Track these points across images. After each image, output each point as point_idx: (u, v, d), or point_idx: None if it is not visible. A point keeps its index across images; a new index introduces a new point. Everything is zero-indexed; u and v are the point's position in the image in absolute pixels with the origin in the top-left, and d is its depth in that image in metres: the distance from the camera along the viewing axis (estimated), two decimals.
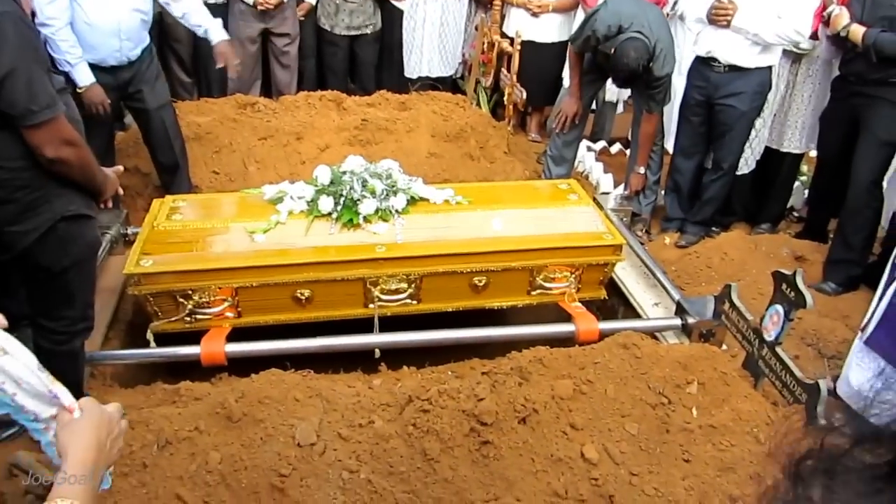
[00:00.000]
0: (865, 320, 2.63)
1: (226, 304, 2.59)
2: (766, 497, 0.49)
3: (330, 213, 2.70)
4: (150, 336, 2.59)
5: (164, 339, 2.63)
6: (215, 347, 2.51)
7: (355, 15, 4.86)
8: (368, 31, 4.96)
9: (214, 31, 3.40)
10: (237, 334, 2.64)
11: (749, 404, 2.14)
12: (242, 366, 2.49)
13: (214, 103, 4.26)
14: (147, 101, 3.31)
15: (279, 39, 4.66)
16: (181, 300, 2.54)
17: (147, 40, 3.30)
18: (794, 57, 3.68)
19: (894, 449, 0.44)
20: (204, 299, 2.56)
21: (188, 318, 2.59)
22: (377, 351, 2.60)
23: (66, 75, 2.91)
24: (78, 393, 2.12)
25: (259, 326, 2.68)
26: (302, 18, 4.78)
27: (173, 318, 2.58)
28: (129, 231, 3.22)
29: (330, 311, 2.72)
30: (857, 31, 3.33)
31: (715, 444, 1.99)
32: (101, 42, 3.06)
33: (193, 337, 2.59)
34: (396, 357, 2.64)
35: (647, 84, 3.64)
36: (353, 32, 4.91)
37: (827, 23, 3.48)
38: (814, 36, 3.59)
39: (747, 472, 1.91)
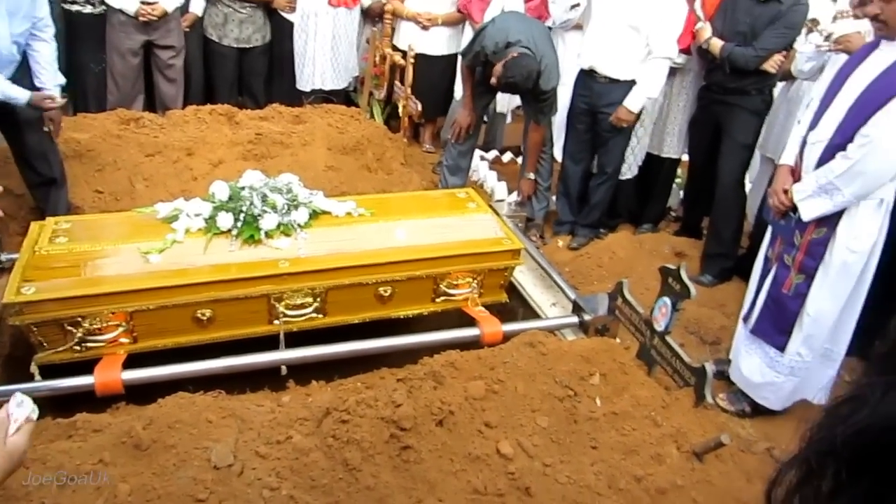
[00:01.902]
0: (746, 310, 2.88)
1: (120, 329, 2.47)
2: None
3: (229, 230, 2.63)
4: (34, 369, 2.42)
5: (50, 371, 2.46)
6: (111, 375, 2.38)
7: (245, 26, 4.76)
8: (258, 43, 4.87)
9: (20, 92, 3.07)
10: (133, 360, 2.52)
11: (646, 390, 2.30)
12: (141, 393, 2.37)
13: (94, 118, 4.04)
14: (17, 114, 3.09)
15: (163, 52, 4.49)
16: (69, 328, 2.39)
17: (19, 59, 3.09)
18: (670, 71, 3.99)
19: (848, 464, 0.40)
20: (95, 326, 2.42)
21: (78, 347, 2.44)
22: (283, 368, 2.56)
23: None
24: None
25: (157, 351, 2.58)
26: (187, 30, 4.63)
27: (61, 348, 2.42)
28: (3, 258, 2.99)
29: (233, 331, 2.65)
30: (716, 45, 3.67)
31: (618, 429, 2.12)
32: None
33: (84, 366, 2.44)
34: (304, 372, 2.61)
35: (534, 97, 3.82)
36: (242, 44, 4.81)
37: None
38: (686, 50, 3.90)
39: (649, 453, 2.05)
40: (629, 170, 4.26)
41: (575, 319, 2.94)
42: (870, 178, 2.45)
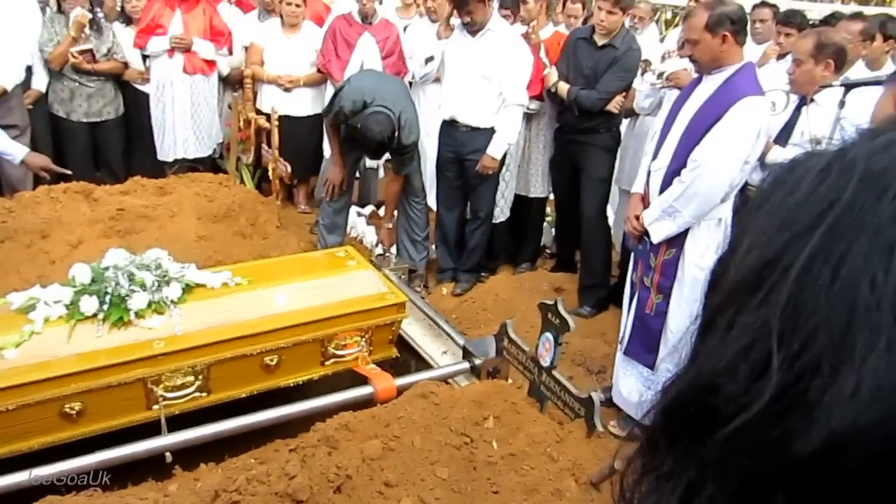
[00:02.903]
0: (621, 334, 3.04)
1: None
2: None
3: (95, 314, 2.47)
4: None
5: None
6: None
7: (94, 100, 4.57)
8: (111, 116, 4.68)
9: (16, 149, 2.99)
10: None
11: (539, 427, 2.35)
12: (7, 501, 2.15)
13: None
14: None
15: (7, 132, 4.19)
16: None
17: None
18: (527, 116, 4.21)
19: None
20: None
21: None
22: (168, 455, 2.40)
23: None
24: None
25: (21, 454, 2.34)
26: (30, 107, 4.37)
27: None
28: None
29: (108, 422, 2.46)
30: (563, 88, 3.94)
31: (517, 470, 2.14)
32: None
33: None
34: (192, 456, 2.46)
35: (396, 151, 3.91)
36: (92, 119, 4.61)
37: None
38: (538, 97, 4.15)
39: (549, 489, 2.08)
40: (501, 213, 4.43)
41: (466, 365, 2.97)
42: (702, 199, 2.70)
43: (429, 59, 4.23)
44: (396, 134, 3.71)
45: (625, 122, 4.18)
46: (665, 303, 2.81)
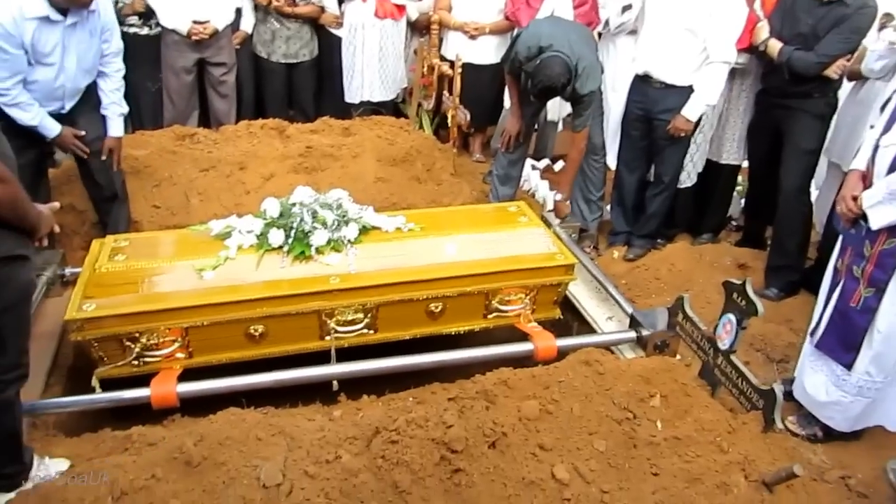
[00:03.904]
0: (814, 324, 2.72)
1: (175, 345, 2.49)
2: None
3: (281, 247, 2.64)
4: (95, 383, 2.46)
5: (109, 383, 2.50)
6: (166, 389, 2.40)
7: (292, 42, 4.81)
8: (306, 58, 4.92)
9: (115, 125, 3.29)
10: (188, 374, 2.54)
11: (710, 413, 2.18)
12: (195, 406, 2.40)
13: (151, 135, 4.13)
14: (84, 135, 3.19)
15: (216, 69, 4.57)
16: (128, 344, 2.43)
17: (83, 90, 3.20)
18: (729, 74, 3.82)
19: None
20: (152, 341, 2.45)
21: (136, 362, 2.47)
22: (335, 383, 2.54)
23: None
24: (17, 446, 1.99)
25: (212, 366, 2.59)
26: (238, 47, 4.71)
27: (120, 363, 2.46)
28: (67, 272, 3.07)
29: (285, 346, 2.65)
30: (774, 47, 3.50)
31: (681, 455, 2.01)
32: (44, 103, 2.98)
33: (141, 379, 2.48)
34: (355, 386, 2.58)
35: (572, 101, 3.72)
36: (290, 60, 4.86)
37: None
38: (747, 49, 3.73)
39: (714, 481, 1.94)
40: (688, 178, 4.11)
41: (632, 335, 2.83)
42: None
43: (626, 8, 3.96)
44: (571, 81, 3.53)
45: (845, 86, 3.65)
46: (876, 298, 2.45)
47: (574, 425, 2.06)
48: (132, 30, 4.45)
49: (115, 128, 3.30)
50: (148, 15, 4.42)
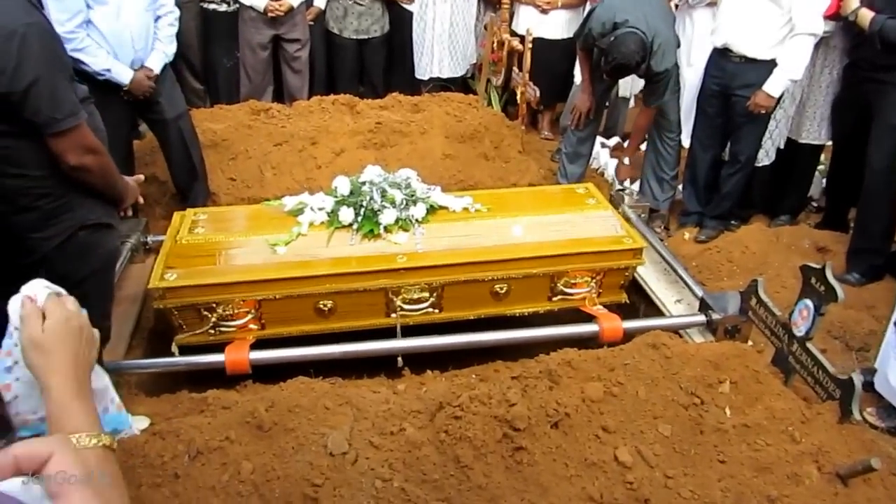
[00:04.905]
0: None
1: (249, 316, 2.59)
2: None
3: (350, 224, 2.70)
4: (174, 349, 2.60)
5: (186, 348, 2.64)
6: (239, 356, 2.51)
7: (363, 18, 4.85)
8: (377, 34, 4.95)
9: (153, 58, 3.24)
10: (260, 342, 2.64)
11: (782, 402, 2.11)
12: (266, 373, 2.50)
13: (228, 110, 4.27)
14: (164, 112, 3.31)
15: (290, 45, 4.66)
16: (205, 313, 2.54)
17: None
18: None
19: None
20: (228, 312, 2.56)
21: (212, 331, 2.59)
22: (400, 360, 2.59)
23: (92, 83, 2.91)
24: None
25: (282, 338, 2.68)
26: (311, 23, 4.78)
27: (198, 331, 2.58)
28: (149, 239, 3.23)
29: (352, 322, 2.71)
30: (865, 16, 3.29)
31: (750, 443, 1.96)
32: (115, 52, 3.05)
33: (216, 345, 2.60)
34: (419, 362, 2.63)
35: (647, 78, 3.61)
36: (361, 36, 4.91)
37: None
38: (833, 16, 3.52)
39: (784, 472, 1.88)
40: (766, 155, 3.94)
41: (702, 318, 2.77)
42: None
43: None
44: (646, 58, 3.42)
45: None
46: None
47: (639, 409, 2.03)
48: (212, 6, 4.59)
49: (152, 60, 3.23)
50: None
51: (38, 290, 1.01)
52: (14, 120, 1.71)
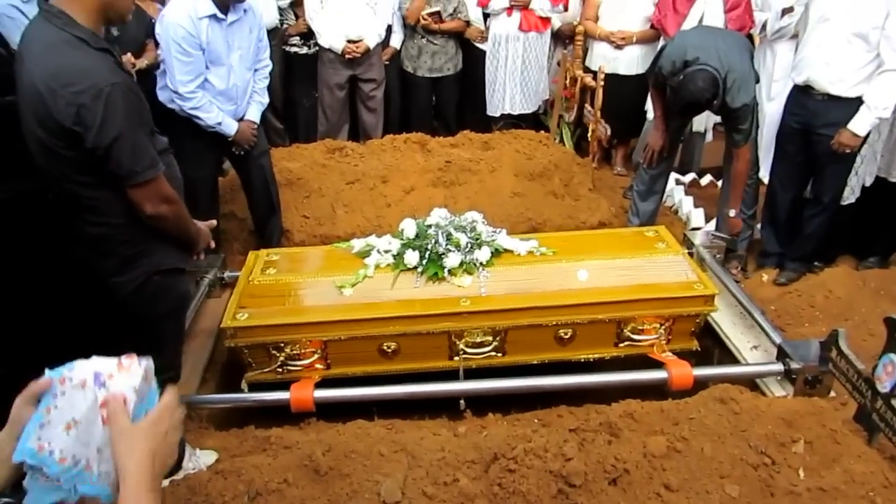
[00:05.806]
0: None
1: (315, 356, 2.66)
2: None
3: (415, 267, 2.74)
4: (244, 386, 2.69)
5: (255, 385, 2.73)
6: (304, 394, 2.57)
7: (437, 56, 4.95)
8: (450, 72, 5.04)
9: (251, 110, 3.39)
10: (325, 380, 2.70)
11: (863, 464, 1.98)
12: (330, 411, 2.55)
13: (305, 148, 4.43)
14: (249, 150, 3.47)
15: (366, 85, 4.81)
16: (274, 352, 2.63)
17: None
18: None
19: None
20: (295, 351, 2.63)
21: (280, 369, 2.67)
22: (462, 403, 2.59)
23: (173, 135, 3.09)
24: None
25: (346, 377, 2.73)
26: (387, 63, 4.92)
27: (266, 370, 2.67)
28: (226, 275, 3.38)
29: (415, 364, 2.73)
30: None
31: None
32: (222, 106, 3.22)
33: (284, 382, 2.67)
34: (481, 404, 2.62)
35: (724, 115, 3.50)
36: (434, 74, 5.01)
37: None
38: None
39: None
40: (851, 193, 3.74)
41: (779, 367, 2.63)
42: None
43: (786, 11, 3.68)
44: (717, 95, 3.31)
45: None
46: None
47: (704, 466, 1.95)
48: (293, 49, 4.81)
49: (252, 112, 3.38)
50: (308, 35, 4.76)
51: (133, 373, 1.04)
52: (98, 172, 1.84)
